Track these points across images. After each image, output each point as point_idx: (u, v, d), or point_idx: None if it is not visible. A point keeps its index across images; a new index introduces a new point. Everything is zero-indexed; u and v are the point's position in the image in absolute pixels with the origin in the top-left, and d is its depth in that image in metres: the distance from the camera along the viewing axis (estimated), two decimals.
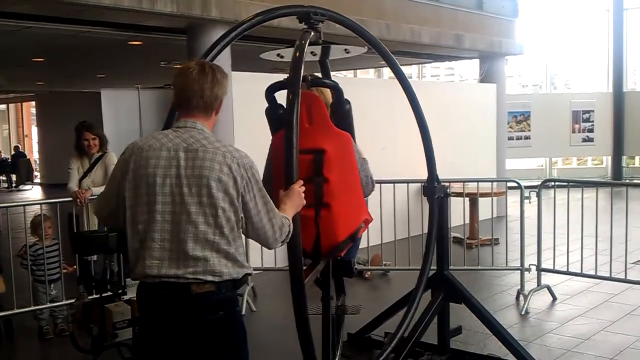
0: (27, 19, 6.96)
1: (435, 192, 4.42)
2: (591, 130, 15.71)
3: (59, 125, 15.97)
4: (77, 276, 5.28)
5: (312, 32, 3.35)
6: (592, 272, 6.24)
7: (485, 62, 11.49)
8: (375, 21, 8.42)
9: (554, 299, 6.28)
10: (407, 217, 7.13)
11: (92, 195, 5.61)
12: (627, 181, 15.14)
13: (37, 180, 20.87)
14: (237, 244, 2.51)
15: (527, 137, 15.26)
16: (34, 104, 22.48)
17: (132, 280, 2.67)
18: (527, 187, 6.81)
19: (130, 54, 10.25)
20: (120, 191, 2.54)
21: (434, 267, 4.54)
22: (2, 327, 5.47)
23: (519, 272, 6.48)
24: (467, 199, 8.09)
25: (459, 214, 7.03)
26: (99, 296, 4.01)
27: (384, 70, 16.31)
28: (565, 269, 6.39)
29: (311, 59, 3.68)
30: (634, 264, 6.94)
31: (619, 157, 16.35)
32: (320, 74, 3.90)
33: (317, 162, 3.29)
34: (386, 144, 9.04)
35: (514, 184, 6.93)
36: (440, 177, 4.46)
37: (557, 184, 7.96)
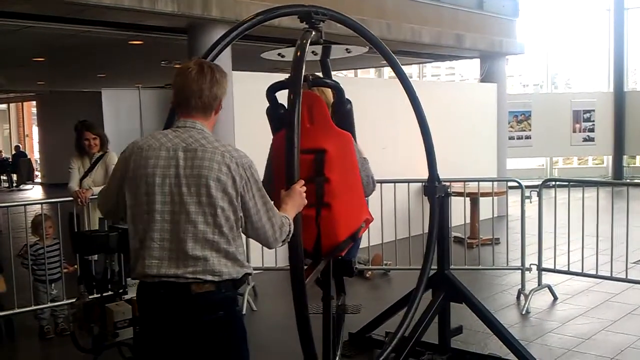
0: (28, 19, 6.96)
1: (436, 191, 4.41)
2: (592, 129, 15.70)
3: (59, 124, 15.97)
4: (77, 276, 5.28)
5: (313, 32, 3.34)
6: (593, 272, 6.23)
7: (486, 61, 11.49)
8: (376, 21, 8.42)
9: (555, 298, 6.28)
10: (408, 217, 7.13)
11: (92, 194, 5.61)
12: (628, 181, 15.15)
13: (38, 179, 20.88)
14: (237, 243, 2.51)
15: (528, 137, 15.26)
16: (34, 103, 22.49)
17: (132, 279, 2.67)
18: (527, 186, 6.82)
19: (130, 53, 10.25)
20: (120, 190, 2.56)
21: (434, 267, 4.53)
22: (3, 326, 5.47)
23: (520, 271, 6.48)
24: (468, 199, 8.09)
25: (459, 213, 7.03)
26: (99, 296, 4.01)
27: (384, 69, 16.30)
28: (566, 269, 6.39)
29: (312, 59, 3.68)
30: (634, 263, 6.94)
31: (619, 157, 16.34)
32: (320, 74, 3.90)
33: (318, 162, 3.28)
34: (387, 144, 9.04)
35: (515, 184, 6.94)
36: (441, 177, 4.45)
37: (557, 183, 7.97)
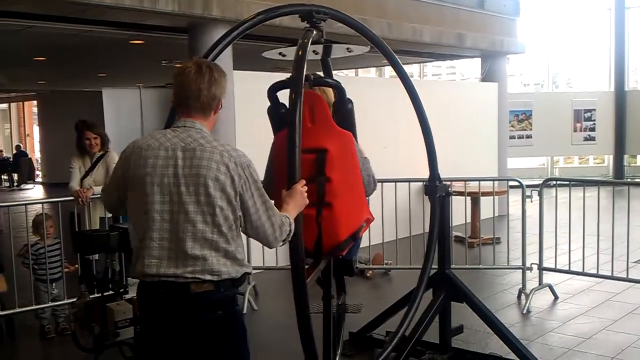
0: (29, 19, 6.96)
1: (436, 191, 4.41)
2: (593, 129, 15.69)
3: (60, 124, 15.95)
4: (78, 275, 5.29)
5: (315, 31, 3.33)
6: (594, 271, 6.23)
7: (486, 61, 11.48)
8: (377, 20, 8.41)
9: (556, 298, 6.28)
10: (409, 216, 7.13)
11: (93, 194, 5.61)
12: (629, 180, 15.14)
13: (39, 179, 20.90)
14: (236, 242, 2.52)
15: (529, 136, 15.24)
16: (35, 103, 22.48)
17: (132, 278, 2.68)
18: (528, 186, 6.82)
19: (131, 53, 10.25)
20: (120, 188, 2.59)
21: (435, 266, 4.53)
22: (3, 326, 5.48)
23: (521, 271, 6.48)
24: (469, 198, 8.10)
25: (460, 213, 7.04)
26: (100, 295, 4.00)
27: (385, 69, 16.29)
28: (566, 268, 6.39)
29: (313, 58, 3.68)
30: (635, 262, 6.93)
31: (620, 156, 16.32)
32: (321, 73, 3.90)
33: (319, 161, 3.28)
34: (388, 143, 9.03)
35: (516, 183, 6.94)
36: (441, 176, 4.45)
37: (558, 182, 7.99)
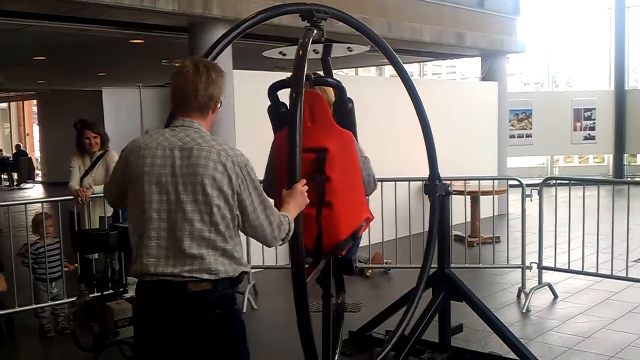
0: (28, 18, 6.95)
1: (436, 190, 4.41)
2: (593, 128, 15.68)
3: (60, 123, 15.93)
4: (78, 274, 5.29)
5: (315, 30, 3.33)
6: (594, 270, 6.23)
7: (486, 60, 11.48)
8: (377, 19, 8.41)
9: (555, 297, 6.28)
10: (409, 215, 7.13)
11: (93, 193, 5.61)
12: (629, 179, 15.15)
13: (39, 178, 20.89)
14: (234, 241, 2.52)
15: (529, 135, 15.23)
16: (35, 102, 22.50)
17: (131, 277, 2.68)
18: (528, 185, 6.82)
19: (131, 52, 10.25)
20: (120, 187, 2.62)
21: (435, 265, 4.53)
22: (3, 325, 5.47)
23: (520, 270, 6.47)
24: (469, 197, 8.10)
25: (460, 212, 7.03)
26: (100, 294, 4.01)
27: (385, 68, 16.28)
28: (566, 267, 6.39)
29: (313, 57, 3.68)
30: (635, 261, 6.93)
31: (620, 155, 16.31)
32: (322, 72, 3.90)
33: (319, 160, 3.28)
34: (388, 142, 9.04)
35: (516, 182, 6.93)
36: (441, 175, 4.45)
37: (558, 182, 8.00)
